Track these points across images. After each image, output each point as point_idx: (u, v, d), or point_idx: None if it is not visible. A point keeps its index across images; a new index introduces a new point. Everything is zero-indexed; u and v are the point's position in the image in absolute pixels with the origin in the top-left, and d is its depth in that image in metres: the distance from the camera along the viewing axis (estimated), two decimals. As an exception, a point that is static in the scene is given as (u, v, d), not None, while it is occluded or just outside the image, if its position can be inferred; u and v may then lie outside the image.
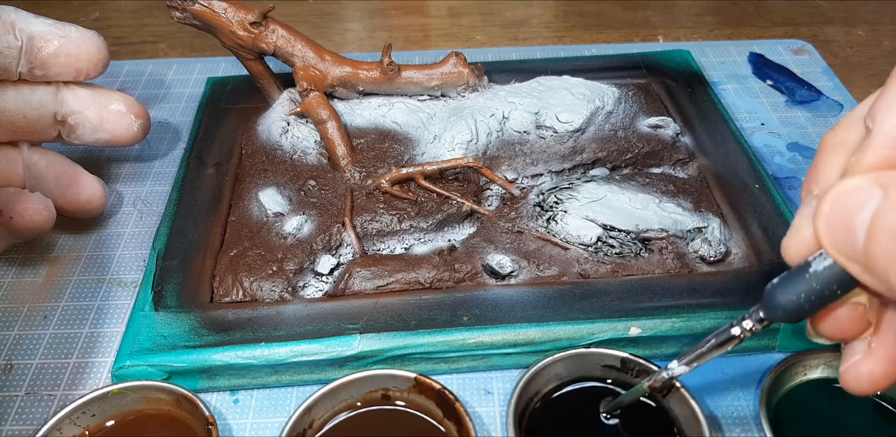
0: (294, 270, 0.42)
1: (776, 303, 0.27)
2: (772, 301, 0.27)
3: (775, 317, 0.28)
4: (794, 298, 0.26)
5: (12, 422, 0.38)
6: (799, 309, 0.26)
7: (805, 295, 0.26)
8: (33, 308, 0.43)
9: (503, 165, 0.48)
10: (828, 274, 0.25)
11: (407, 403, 0.36)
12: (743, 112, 0.56)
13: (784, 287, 0.27)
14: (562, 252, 0.42)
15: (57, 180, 0.44)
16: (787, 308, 0.27)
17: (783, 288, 0.27)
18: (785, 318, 0.27)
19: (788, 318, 0.27)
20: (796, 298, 0.26)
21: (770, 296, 0.27)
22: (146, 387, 0.36)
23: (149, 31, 0.72)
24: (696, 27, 0.70)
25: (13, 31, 0.40)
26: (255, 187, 0.46)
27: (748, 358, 0.39)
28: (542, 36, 0.70)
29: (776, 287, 0.27)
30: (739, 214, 0.44)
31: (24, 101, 0.42)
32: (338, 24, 0.73)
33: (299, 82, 0.48)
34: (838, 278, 0.25)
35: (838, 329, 0.28)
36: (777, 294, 0.27)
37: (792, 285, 0.26)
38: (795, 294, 0.26)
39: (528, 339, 0.38)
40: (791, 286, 0.26)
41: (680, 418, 0.35)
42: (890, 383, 0.27)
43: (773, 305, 0.27)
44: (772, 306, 0.27)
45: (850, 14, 0.71)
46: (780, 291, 0.27)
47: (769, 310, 0.28)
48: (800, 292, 0.26)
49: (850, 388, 0.28)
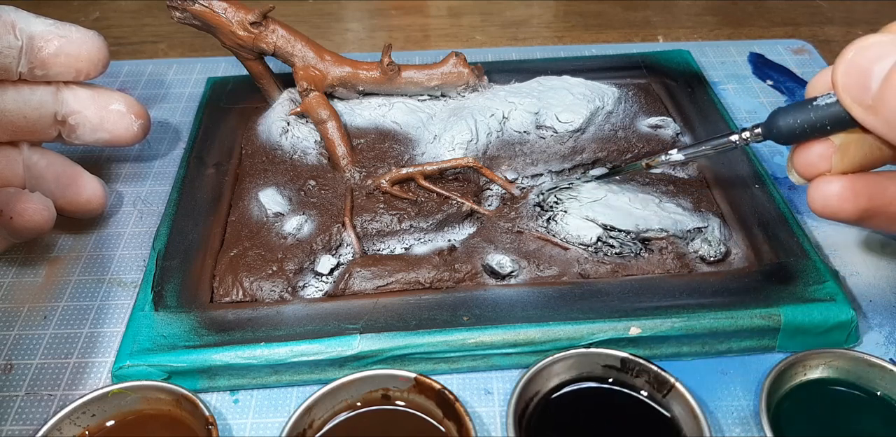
0: (294, 270, 0.42)
1: (776, 123, 0.32)
2: (773, 120, 0.32)
3: (770, 134, 0.33)
4: (791, 122, 0.31)
5: (12, 422, 0.38)
6: (791, 132, 0.31)
7: (801, 121, 0.31)
8: (33, 308, 0.43)
9: (503, 165, 0.48)
10: (826, 110, 0.30)
11: (407, 403, 0.36)
12: (743, 112, 0.56)
13: (787, 112, 0.31)
14: (562, 252, 0.42)
15: (57, 180, 0.44)
16: (781, 129, 0.32)
17: (785, 112, 0.31)
18: (778, 136, 0.32)
19: (780, 137, 0.32)
20: (793, 122, 0.31)
21: (773, 116, 0.32)
22: (146, 387, 0.36)
23: (149, 31, 0.72)
24: (696, 27, 0.70)
25: (13, 31, 0.40)
26: (255, 187, 0.46)
27: (748, 358, 0.39)
28: (542, 36, 0.70)
29: (780, 110, 0.32)
30: (739, 214, 0.44)
31: (24, 101, 0.42)
32: (338, 24, 0.73)
33: (299, 82, 0.48)
34: (834, 116, 0.30)
35: (808, 164, 0.32)
36: (779, 116, 0.32)
37: (794, 111, 0.31)
38: (793, 119, 0.31)
39: (528, 339, 0.38)
40: (793, 113, 0.31)
41: (680, 418, 0.35)
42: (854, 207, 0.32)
43: (773, 123, 0.32)
44: (771, 125, 0.32)
45: (850, 14, 0.71)
46: (782, 114, 0.32)
47: (768, 127, 0.32)
48: (797, 118, 0.31)
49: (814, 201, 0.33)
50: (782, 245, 0.42)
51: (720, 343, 0.39)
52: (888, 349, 0.40)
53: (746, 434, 0.36)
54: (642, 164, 0.39)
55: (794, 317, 0.38)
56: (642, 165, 0.39)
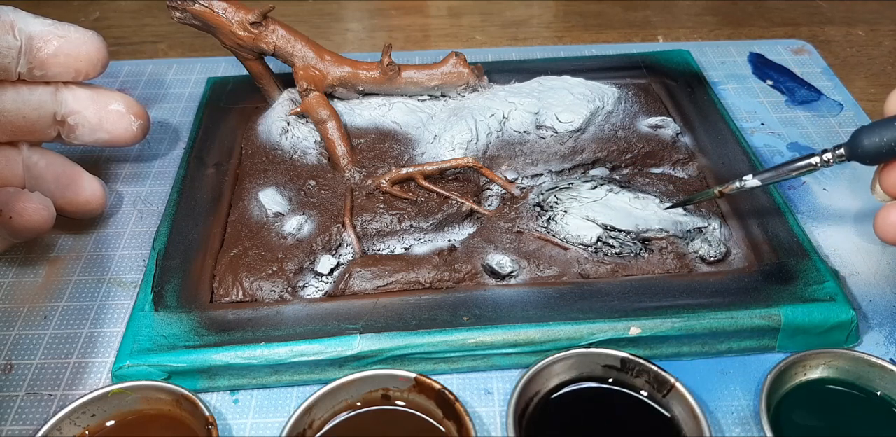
0: (294, 270, 0.42)
1: (860, 142, 0.31)
2: (857, 140, 0.31)
3: (855, 154, 0.31)
4: (878, 140, 0.30)
5: (12, 422, 0.38)
6: (877, 151, 0.30)
7: (888, 139, 0.30)
8: (33, 308, 0.43)
9: (503, 165, 0.48)
10: None
11: (407, 403, 0.36)
12: (743, 112, 0.56)
13: (871, 130, 0.30)
14: (562, 252, 0.42)
15: (57, 180, 0.44)
16: (867, 148, 0.30)
17: (870, 131, 0.30)
18: (864, 156, 0.31)
19: (866, 157, 0.31)
20: (879, 140, 0.30)
21: (856, 135, 0.31)
22: (146, 387, 0.36)
23: (149, 31, 0.72)
24: (696, 27, 0.70)
25: (12, 32, 0.40)
26: (255, 187, 0.46)
27: (748, 358, 0.39)
28: (542, 36, 0.70)
29: (864, 129, 0.31)
30: (739, 214, 0.44)
31: (23, 101, 0.42)
32: (338, 24, 0.73)
33: (299, 82, 0.48)
34: None
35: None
36: (863, 135, 0.31)
37: (879, 129, 0.30)
38: (879, 137, 0.30)
39: (528, 339, 0.38)
40: (878, 131, 0.30)
41: (680, 418, 0.35)
42: None
43: (858, 143, 0.31)
44: (856, 144, 0.31)
45: (850, 14, 0.71)
46: (866, 132, 0.31)
47: (852, 147, 0.31)
48: (884, 136, 0.30)
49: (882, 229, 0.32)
50: (782, 245, 0.42)
51: (720, 343, 0.39)
52: (888, 349, 0.40)
53: (746, 434, 0.36)
54: (715, 191, 0.37)
55: (794, 317, 0.38)
56: (715, 193, 0.37)
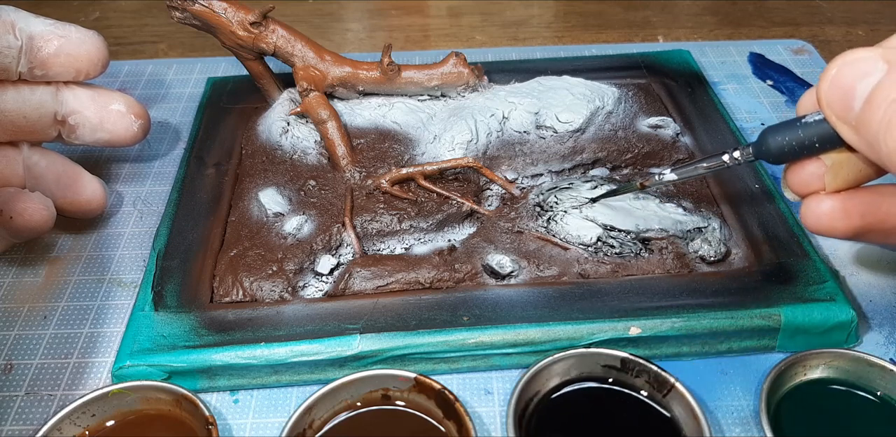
0: (294, 270, 0.42)
1: (766, 142, 0.31)
2: (762, 140, 0.32)
3: (760, 154, 0.32)
4: (780, 140, 0.31)
5: (12, 422, 0.38)
6: (780, 151, 0.31)
7: (789, 140, 0.31)
8: (33, 308, 0.43)
9: (503, 165, 0.48)
10: (814, 128, 0.30)
11: (407, 403, 0.36)
12: (743, 112, 0.56)
13: (776, 131, 0.31)
14: (562, 252, 0.42)
15: (57, 181, 0.44)
16: (771, 148, 0.31)
17: (774, 131, 0.31)
18: (768, 156, 0.32)
19: (770, 156, 0.32)
20: (781, 140, 0.31)
21: (762, 135, 0.32)
22: (146, 387, 0.36)
23: (149, 31, 0.72)
24: (696, 27, 0.70)
25: (13, 31, 0.40)
26: (255, 187, 0.46)
27: (748, 358, 0.39)
28: (542, 36, 0.70)
29: (769, 129, 0.32)
30: (739, 214, 0.44)
31: (23, 101, 0.42)
32: (338, 24, 0.73)
33: (299, 82, 0.48)
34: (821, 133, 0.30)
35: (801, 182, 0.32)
36: (768, 135, 0.31)
37: (783, 130, 0.31)
38: (782, 138, 0.31)
39: (528, 339, 0.38)
40: (782, 132, 0.31)
41: (680, 418, 0.35)
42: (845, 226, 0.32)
43: (763, 143, 0.32)
44: (761, 144, 0.32)
45: (850, 14, 0.71)
46: (771, 133, 0.31)
47: (758, 146, 0.32)
48: (786, 137, 0.31)
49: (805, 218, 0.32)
50: (782, 245, 0.42)
51: (720, 343, 0.39)
52: (888, 349, 0.40)
53: (746, 434, 0.36)
54: (636, 184, 0.39)
55: (794, 317, 0.38)
56: (636, 185, 0.39)
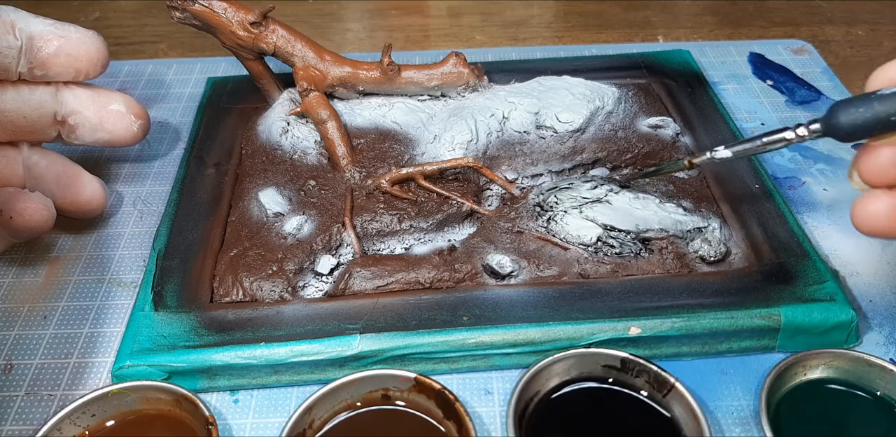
0: (294, 270, 0.42)
1: (836, 116, 0.29)
2: (833, 114, 0.29)
3: (830, 130, 0.30)
4: (854, 114, 0.28)
5: (12, 422, 0.38)
6: (853, 126, 0.28)
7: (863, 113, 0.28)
8: (33, 308, 0.43)
9: (503, 165, 0.48)
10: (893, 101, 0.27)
11: (407, 403, 0.36)
12: (743, 112, 0.56)
13: (848, 104, 0.29)
14: (562, 252, 0.42)
15: (57, 181, 0.44)
16: (842, 123, 0.29)
17: (847, 105, 0.29)
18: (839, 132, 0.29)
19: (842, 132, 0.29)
20: (855, 114, 0.28)
21: (833, 110, 0.29)
22: (146, 387, 0.36)
23: (149, 31, 0.72)
24: (696, 27, 0.70)
25: (13, 31, 0.40)
26: (255, 187, 0.46)
27: (748, 358, 0.39)
28: (542, 36, 0.70)
29: (841, 103, 0.29)
30: (739, 214, 0.44)
31: (23, 101, 0.42)
32: (338, 24, 0.73)
33: (299, 82, 0.48)
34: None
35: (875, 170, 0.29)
36: (840, 109, 0.29)
37: (856, 104, 0.28)
38: (856, 110, 0.28)
39: (528, 339, 0.38)
40: (855, 105, 0.28)
41: (680, 418, 0.35)
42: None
43: (834, 117, 0.29)
44: (831, 119, 0.29)
45: (850, 14, 0.71)
46: (843, 107, 0.29)
47: (828, 122, 0.29)
48: (860, 110, 0.28)
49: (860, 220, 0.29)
50: (782, 245, 0.42)
51: (720, 343, 0.39)
52: (888, 349, 0.40)
53: (746, 434, 0.36)
54: (685, 162, 0.37)
55: (793, 317, 0.38)
56: (685, 163, 0.37)
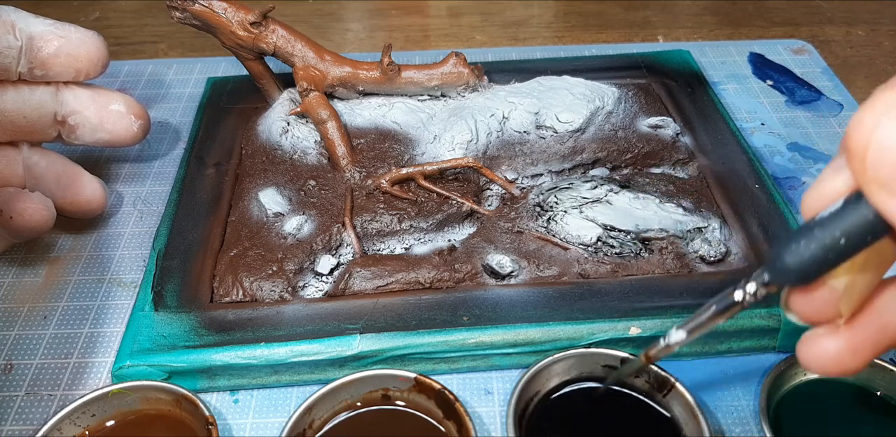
0: (294, 270, 0.42)
1: (781, 260, 0.25)
2: (777, 259, 0.26)
3: (777, 277, 0.26)
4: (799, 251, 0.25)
5: (12, 422, 0.38)
6: (801, 265, 0.25)
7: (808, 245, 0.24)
8: (33, 308, 0.43)
9: (503, 165, 0.48)
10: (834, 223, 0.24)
11: (407, 403, 0.36)
12: (743, 112, 0.56)
13: (789, 244, 0.25)
14: (562, 252, 0.42)
15: (57, 181, 0.44)
16: (790, 265, 0.25)
17: (788, 245, 0.25)
18: (789, 277, 0.26)
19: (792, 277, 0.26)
20: (800, 250, 0.25)
21: (775, 254, 0.26)
22: (146, 387, 0.36)
23: (149, 31, 0.72)
24: (696, 27, 0.70)
25: (13, 32, 0.40)
26: (255, 187, 0.46)
27: (748, 358, 0.39)
28: (542, 36, 0.70)
29: (781, 245, 0.25)
30: (739, 214, 0.44)
31: (23, 101, 0.42)
32: (338, 24, 0.73)
33: (299, 82, 0.48)
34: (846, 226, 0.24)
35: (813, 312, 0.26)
36: (782, 252, 0.25)
37: (797, 241, 0.25)
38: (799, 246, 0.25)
39: (528, 339, 0.38)
40: (796, 242, 0.25)
41: (680, 418, 0.35)
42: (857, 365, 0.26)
43: (779, 263, 0.26)
44: (777, 265, 0.26)
45: (850, 14, 0.71)
46: (784, 248, 0.25)
47: (773, 269, 0.26)
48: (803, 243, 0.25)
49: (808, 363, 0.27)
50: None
51: (720, 343, 0.39)
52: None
53: (746, 434, 0.36)
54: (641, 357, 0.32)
55: (794, 317, 0.38)
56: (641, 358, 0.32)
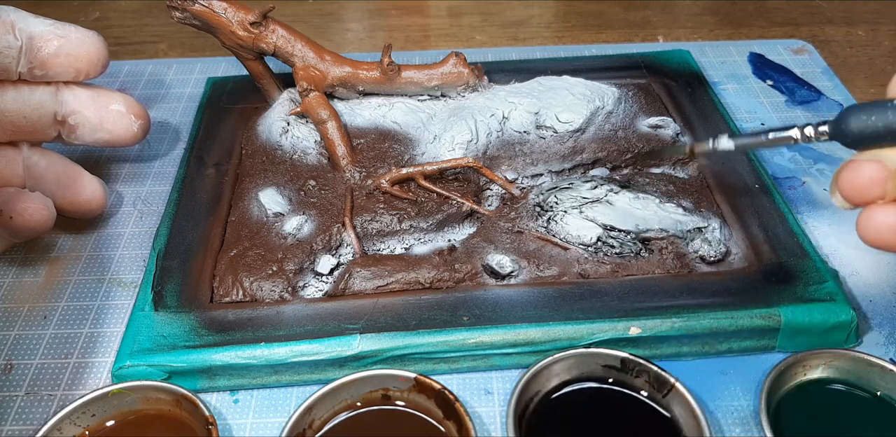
0: (294, 270, 0.42)
1: (847, 121, 0.28)
2: (843, 118, 0.29)
3: (838, 134, 0.29)
4: (865, 121, 0.28)
5: (12, 422, 0.38)
6: (862, 132, 0.28)
7: (875, 121, 0.27)
8: (33, 308, 0.43)
9: (503, 165, 0.48)
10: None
11: (407, 403, 0.36)
12: (743, 112, 0.56)
13: (861, 110, 0.28)
14: (562, 252, 0.42)
15: (57, 181, 0.44)
16: (851, 128, 0.28)
17: (859, 110, 0.28)
18: (845, 136, 0.29)
19: (848, 137, 0.29)
20: (866, 121, 0.28)
21: (843, 114, 0.29)
22: (146, 387, 0.36)
23: (149, 31, 0.72)
24: (696, 27, 0.70)
25: (13, 31, 0.40)
26: (255, 187, 0.46)
27: (748, 358, 0.39)
28: (542, 36, 0.70)
29: (853, 108, 0.29)
30: (739, 214, 0.44)
31: (23, 101, 0.42)
32: (338, 24, 0.73)
33: (299, 82, 0.48)
34: None
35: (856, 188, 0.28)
36: (851, 114, 0.28)
37: (869, 110, 0.28)
38: (868, 118, 0.28)
39: (528, 339, 0.38)
40: (868, 112, 0.28)
41: (680, 418, 0.35)
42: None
43: (843, 121, 0.29)
44: (841, 123, 0.29)
45: (850, 14, 0.71)
46: (855, 112, 0.28)
47: (836, 125, 0.29)
48: (872, 117, 0.28)
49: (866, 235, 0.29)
50: (782, 245, 0.42)
51: (720, 343, 0.39)
52: (888, 349, 0.40)
53: (746, 434, 0.36)
54: (686, 149, 0.37)
55: (793, 317, 0.38)
56: (685, 150, 0.37)
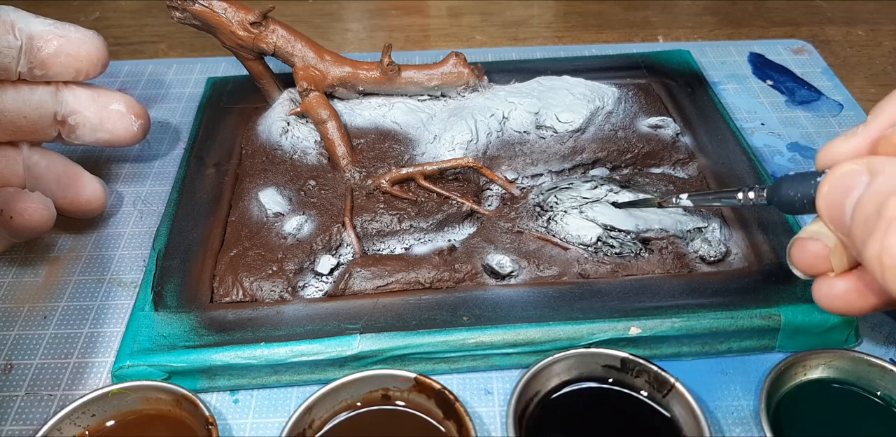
0: (294, 270, 0.42)
1: (779, 189, 0.31)
2: (777, 186, 0.31)
3: (772, 199, 0.32)
4: (792, 194, 0.31)
5: (12, 422, 0.38)
6: (790, 204, 0.31)
7: (801, 196, 0.30)
8: (33, 308, 0.43)
9: (503, 165, 0.48)
10: None
11: (407, 403, 0.36)
12: (743, 112, 0.56)
13: (792, 181, 0.31)
14: (562, 252, 0.42)
15: (57, 181, 0.44)
16: (783, 198, 0.31)
17: (791, 181, 0.31)
18: (780, 205, 0.31)
19: (782, 206, 0.31)
20: (794, 194, 0.30)
21: (778, 183, 0.32)
22: (146, 387, 0.36)
23: (149, 31, 0.72)
24: (696, 27, 0.70)
25: (13, 31, 0.40)
26: (255, 187, 0.46)
27: (748, 358, 0.39)
28: (542, 36, 0.70)
29: (787, 178, 0.31)
30: (739, 214, 0.44)
31: (23, 101, 0.42)
32: (338, 24, 0.73)
33: (299, 82, 0.48)
34: None
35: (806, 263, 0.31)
36: (783, 185, 0.31)
37: (798, 182, 0.30)
38: (795, 192, 0.30)
39: (528, 339, 0.38)
40: (797, 183, 0.30)
41: (680, 418, 0.35)
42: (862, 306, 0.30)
43: (777, 191, 0.31)
44: (774, 193, 0.32)
45: (850, 14, 0.71)
46: (786, 183, 0.31)
47: (772, 192, 0.32)
48: (798, 191, 0.30)
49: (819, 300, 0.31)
50: (782, 245, 0.42)
51: (720, 343, 0.39)
52: (888, 349, 0.40)
53: (746, 434, 0.36)
54: (655, 201, 0.41)
55: (793, 317, 0.38)
56: (655, 202, 0.41)
